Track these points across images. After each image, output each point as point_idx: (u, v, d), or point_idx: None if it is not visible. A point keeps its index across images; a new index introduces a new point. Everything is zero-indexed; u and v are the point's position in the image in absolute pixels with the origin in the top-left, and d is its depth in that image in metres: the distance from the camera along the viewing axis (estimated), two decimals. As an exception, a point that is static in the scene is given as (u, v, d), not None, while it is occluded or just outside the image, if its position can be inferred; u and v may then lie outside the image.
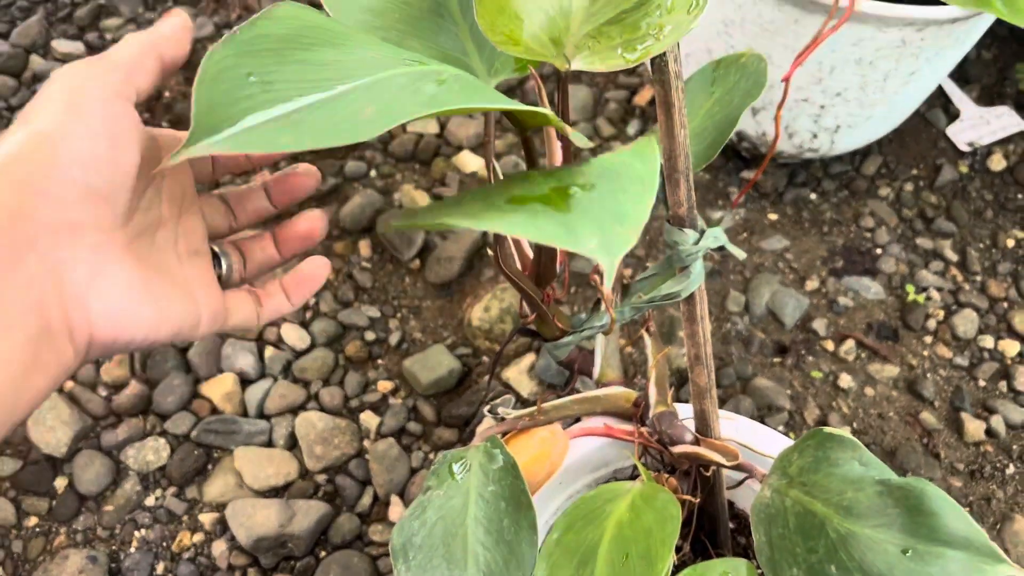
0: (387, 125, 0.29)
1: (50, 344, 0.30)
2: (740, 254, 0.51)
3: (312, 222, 0.44)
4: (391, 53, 0.37)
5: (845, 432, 0.44)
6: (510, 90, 1.01)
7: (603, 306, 0.53)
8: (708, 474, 0.54)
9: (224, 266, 0.41)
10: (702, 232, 0.49)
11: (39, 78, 1.02)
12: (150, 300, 0.33)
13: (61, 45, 1.05)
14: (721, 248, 0.50)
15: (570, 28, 0.43)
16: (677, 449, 0.54)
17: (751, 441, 0.56)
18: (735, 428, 0.57)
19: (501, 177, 0.51)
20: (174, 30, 0.37)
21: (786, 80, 0.69)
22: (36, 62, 1.04)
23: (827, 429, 0.45)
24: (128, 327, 0.33)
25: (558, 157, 0.52)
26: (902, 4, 0.70)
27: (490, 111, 0.33)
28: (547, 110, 0.36)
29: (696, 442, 0.54)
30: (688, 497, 0.54)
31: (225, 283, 0.41)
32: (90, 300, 0.31)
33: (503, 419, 0.81)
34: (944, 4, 0.70)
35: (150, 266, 0.35)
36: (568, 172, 0.38)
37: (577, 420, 0.60)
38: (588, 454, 0.59)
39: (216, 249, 0.41)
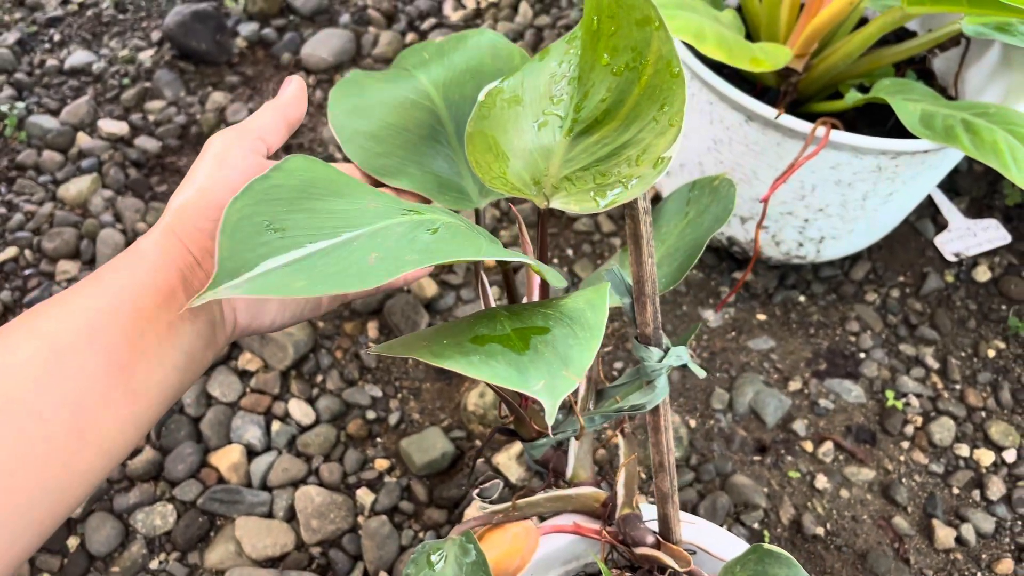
0: (391, 276, 0.34)
1: (219, 327, 0.42)
2: (700, 373, 0.55)
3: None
4: (389, 203, 0.42)
5: (782, 550, 0.48)
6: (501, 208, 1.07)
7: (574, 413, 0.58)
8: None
9: None
10: (667, 350, 0.53)
11: (84, 155, 1.10)
12: (272, 299, 0.45)
13: (107, 125, 1.14)
14: (684, 366, 0.55)
15: (549, 171, 0.49)
16: (639, 551, 0.58)
17: (710, 545, 0.60)
18: (696, 531, 0.61)
19: (492, 302, 0.56)
20: (294, 95, 0.48)
21: (764, 201, 0.75)
22: (83, 139, 1.12)
23: (766, 546, 0.49)
24: (259, 315, 0.45)
25: (536, 288, 0.57)
26: (877, 136, 0.75)
27: (476, 260, 0.38)
28: (528, 259, 0.41)
29: (657, 545, 0.58)
30: (647, 597, 0.57)
31: None
32: (235, 301, 0.43)
33: (491, 501, 0.85)
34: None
35: None
36: (532, 314, 0.43)
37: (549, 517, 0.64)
38: (559, 548, 0.63)
39: None
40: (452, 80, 0.59)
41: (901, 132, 0.83)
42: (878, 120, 0.91)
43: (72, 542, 0.79)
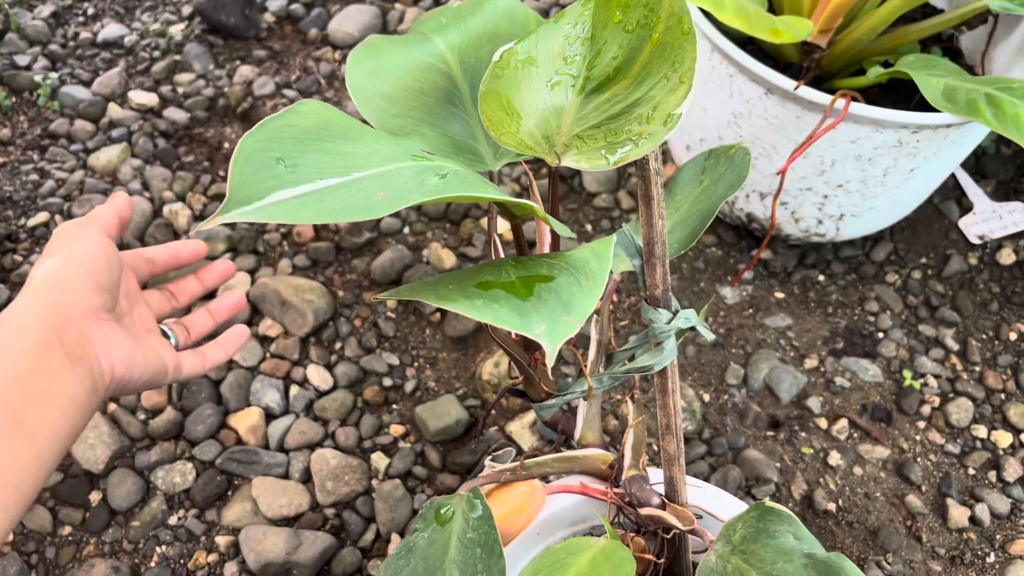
0: (396, 207, 0.35)
1: (98, 379, 0.46)
2: (709, 336, 0.55)
3: (237, 304, 0.62)
4: (400, 148, 0.43)
5: (784, 507, 0.49)
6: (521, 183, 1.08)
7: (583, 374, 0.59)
8: (670, 536, 0.58)
9: (172, 340, 0.57)
10: (676, 312, 0.54)
11: (115, 125, 1.13)
12: (141, 355, 0.50)
13: (137, 96, 1.16)
14: (693, 328, 0.55)
15: (561, 128, 0.49)
16: (644, 511, 0.58)
17: (715, 508, 0.61)
18: (702, 495, 0.62)
19: (502, 254, 0.57)
20: (122, 201, 0.55)
21: (781, 173, 0.75)
22: (113, 110, 1.15)
23: (768, 503, 0.50)
24: (131, 370, 0.49)
25: (547, 243, 0.58)
26: (900, 110, 0.75)
27: (482, 200, 0.39)
28: (532, 203, 0.41)
29: (662, 506, 0.58)
30: (651, 557, 0.58)
31: (177, 349, 0.58)
32: (110, 351, 0.47)
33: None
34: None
35: (132, 335, 0.51)
36: (537, 263, 0.44)
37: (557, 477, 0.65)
38: (567, 509, 0.63)
39: (165, 329, 0.57)
40: (468, 43, 0.59)
41: (925, 109, 0.82)
42: (903, 98, 0.90)
43: (95, 496, 0.81)
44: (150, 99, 1.16)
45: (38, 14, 1.28)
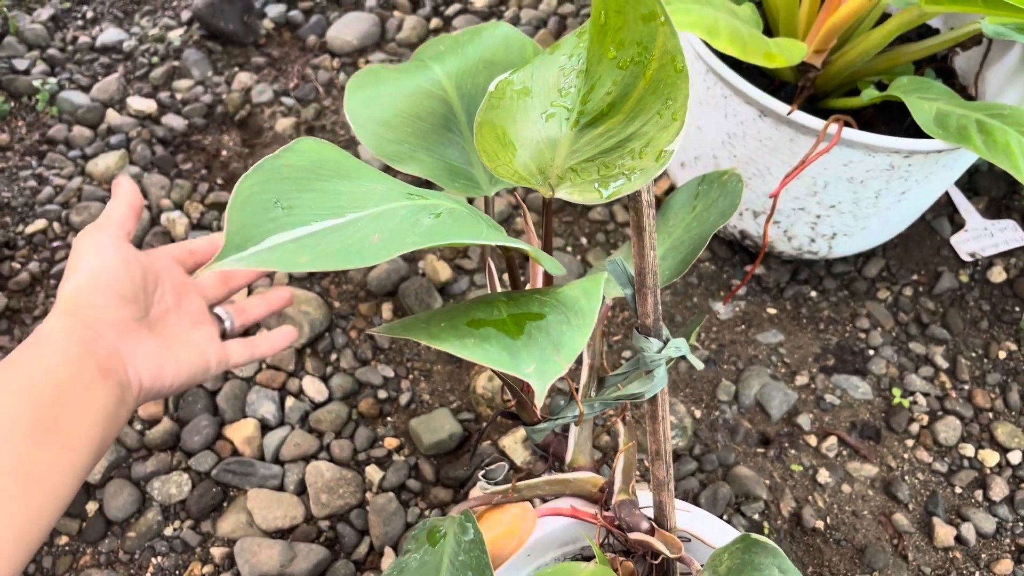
0: (390, 253, 0.35)
1: (127, 390, 0.49)
2: (699, 365, 0.56)
3: (284, 298, 0.67)
4: (394, 186, 0.44)
5: (769, 540, 0.50)
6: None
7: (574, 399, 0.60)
8: (657, 562, 0.59)
9: (227, 322, 0.61)
10: (666, 341, 0.55)
11: (113, 131, 1.13)
12: (171, 359, 0.53)
13: (136, 102, 1.16)
14: (683, 357, 0.56)
15: (555, 161, 0.50)
16: (632, 536, 0.59)
17: (704, 533, 0.62)
18: (690, 519, 0.62)
19: (498, 286, 0.57)
20: (129, 189, 0.58)
21: (774, 197, 0.75)
22: (112, 116, 1.15)
23: (754, 536, 0.50)
24: (160, 377, 0.52)
25: (540, 273, 0.58)
26: (894, 134, 0.76)
27: (475, 244, 0.40)
28: (528, 247, 0.42)
29: (651, 531, 0.59)
30: (639, 581, 0.59)
31: (227, 335, 0.62)
32: (137, 363, 0.51)
33: (496, 483, 0.87)
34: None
35: (168, 337, 0.54)
36: (529, 300, 0.44)
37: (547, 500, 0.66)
38: (557, 531, 0.64)
39: (220, 312, 0.61)
40: (465, 71, 0.60)
41: (919, 130, 0.83)
42: (896, 118, 0.91)
43: (91, 507, 0.82)
44: (148, 105, 1.16)
45: (37, 17, 1.28)
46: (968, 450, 0.87)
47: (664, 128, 0.45)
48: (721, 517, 0.81)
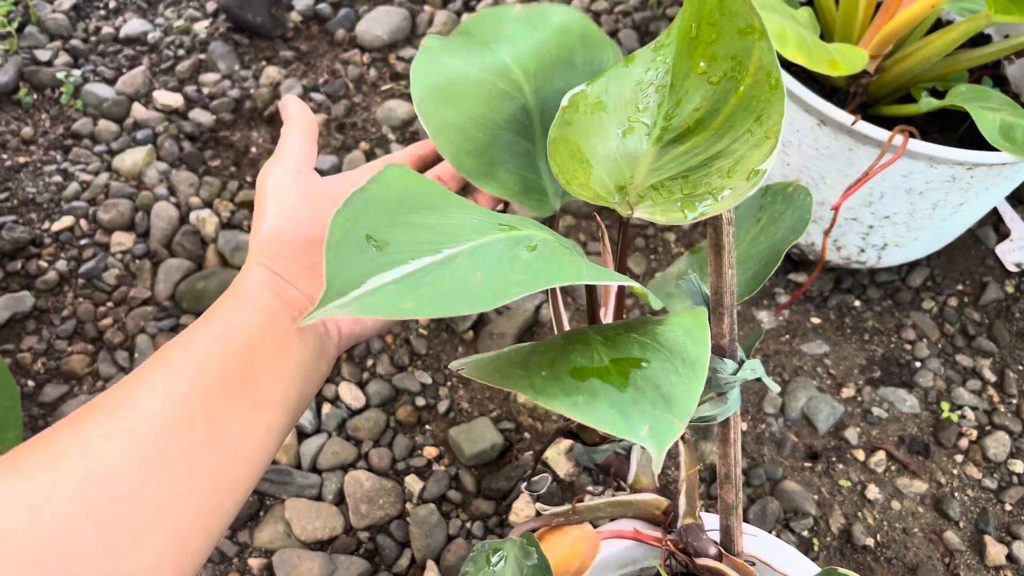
0: (500, 300, 0.33)
1: (326, 338, 0.46)
2: (775, 388, 0.54)
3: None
4: (485, 217, 0.41)
5: (853, 574, 0.48)
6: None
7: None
8: (726, 588, 0.57)
9: None
10: (741, 362, 0.53)
11: (139, 126, 1.11)
12: None
13: (162, 96, 1.14)
14: (759, 379, 0.54)
15: (635, 178, 0.48)
16: (700, 561, 0.57)
17: (770, 558, 0.60)
18: (757, 544, 0.61)
19: (566, 324, 0.55)
20: (299, 109, 0.52)
21: (835, 209, 0.73)
22: (138, 110, 1.12)
23: (841, 571, 0.49)
24: (360, 320, 0.48)
25: (612, 297, 0.56)
26: (948, 143, 0.74)
27: (576, 283, 0.37)
28: (633, 283, 0.39)
29: (719, 556, 0.57)
30: (707, 608, 0.57)
31: None
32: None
33: (539, 496, 0.85)
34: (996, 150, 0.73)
35: None
36: (627, 341, 0.41)
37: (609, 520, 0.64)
38: (617, 552, 0.63)
39: None
40: (543, 69, 0.56)
41: (973, 138, 0.81)
42: (948, 125, 0.89)
43: (125, 515, 0.80)
44: (175, 100, 1.14)
45: (59, 6, 1.26)
46: (1018, 466, 0.86)
47: (756, 147, 0.43)
48: (770, 533, 0.79)
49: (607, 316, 0.57)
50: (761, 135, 0.43)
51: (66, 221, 1.01)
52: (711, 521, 0.60)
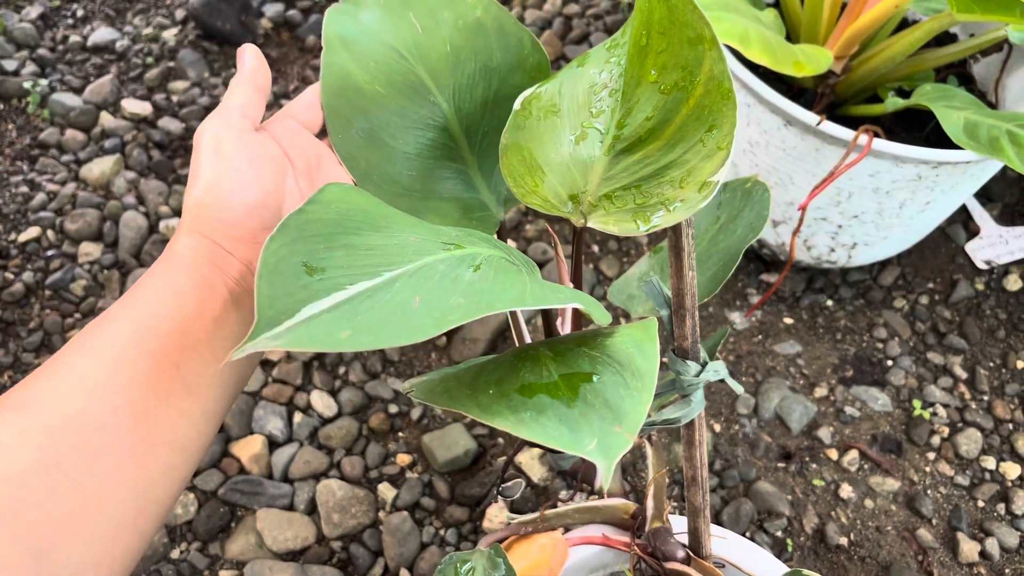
0: (438, 329, 0.31)
1: None
2: (739, 389, 0.54)
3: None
4: (428, 235, 0.40)
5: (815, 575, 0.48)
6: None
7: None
8: (694, 592, 0.57)
9: None
10: (704, 364, 0.53)
11: (107, 135, 1.10)
12: None
13: (131, 104, 1.13)
14: (722, 380, 0.54)
15: (587, 187, 0.47)
16: (669, 565, 0.57)
17: (740, 561, 0.60)
18: (727, 546, 0.61)
19: (526, 335, 0.54)
20: (255, 63, 0.48)
21: (802, 209, 0.73)
22: (106, 119, 1.11)
23: (805, 572, 0.49)
24: None
25: (569, 314, 0.56)
26: (914, 142, 0.74)
27: (522, 307, 0.36)
28: (582, 305, 0.38)
29: (687, 560, 0.57)
30: (676, 612, 0.57)
31: None
32: None
33: (513, 501, 0.84)
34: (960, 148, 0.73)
35: None
36: (577, 356, 0.40)
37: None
38: (587, 557, 0.62)
39: None
40: (462, 84, 0.54)
41: (939, 137, 0.81)
42: (915, 125, 0.89)
43: (94, 529, 0.79)
44: (143, 108, 1.13)
45: (25, 16, 1.24)
46: (989, 463, 0.86)
47: (708, 157, 0.42)
48: (744, 535, 0.79)
49: (564, 326, 0.57)
50: (713, 146, 0.42)
51: (33, 232, 0.99)
52: (680, 524, 0.60)
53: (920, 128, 0.89)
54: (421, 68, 0.54)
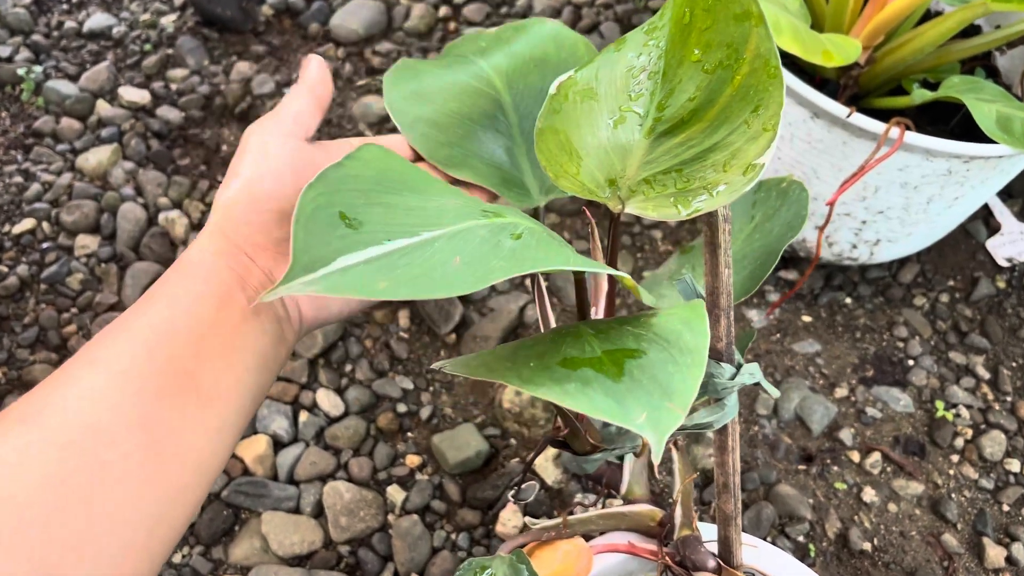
0: (477, 284, 0.30)
1: (286, 323, 0.41)
2: (774, 392, 0.52)
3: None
4: (468, 202, 0.39)
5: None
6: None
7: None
8: (726, 603, 0.55)
9: None
10: (739, 366, 0.50)
11: (104, 124, 1.06)
12: None
13: (128, 93, 1.09)
14: (757, 383, 0.51)
15: (626, 171, 0.45)
16: (698, 575, 0.55)
17: (771, 569, 0.57)
18: (757, 555, 0.58)
19: (552, 323, 0.52)
20: (319, 75, 0.46)
21: (830, 205, 0.71)
22: (102, 107, 1.08)
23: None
24: (324, 306, 0.44)
25: (602, 296, 0.53)
26: (941, 135, 0.71)
27: (566, 270, 0.35)
28: (623, 274, 0.37)
29: (718, 569, 0.55)
30: (707, 624, 0.55)
31: None
32: (298, 295, 0.42)
33: (526, 505, 0.82)
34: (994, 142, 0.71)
35: None
36: (621, 333, 0.39)
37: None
38: (611, 567, 0.60)
39: None
40: (515, 68, 0.55)
41: (965, 131, 0.79)
42: (940, 118, 0.87)
43: (92, 532, 0.76)
44: (142, 96, 1.09)
45: (19, 0, 1.21)
46: (1014, 465, 0.84)
47: (753, 139, 0.41)
48: (765, 539, 0.77)
49: (598, 315, 0.54)
50: (759, 127, 0.41)
51: (27, 223, 0.96)
52: (708, 531, 0.58)
53: (945, 121, 0.86)
54: (478, 59, 0.55)
